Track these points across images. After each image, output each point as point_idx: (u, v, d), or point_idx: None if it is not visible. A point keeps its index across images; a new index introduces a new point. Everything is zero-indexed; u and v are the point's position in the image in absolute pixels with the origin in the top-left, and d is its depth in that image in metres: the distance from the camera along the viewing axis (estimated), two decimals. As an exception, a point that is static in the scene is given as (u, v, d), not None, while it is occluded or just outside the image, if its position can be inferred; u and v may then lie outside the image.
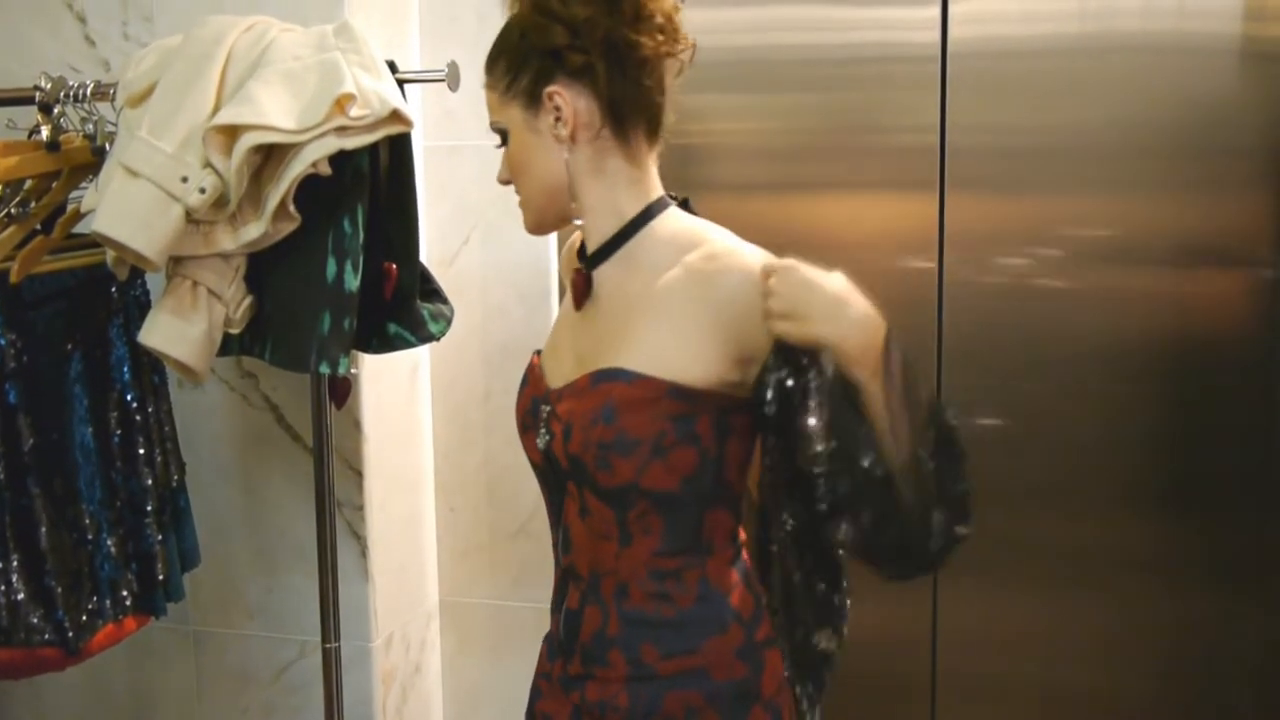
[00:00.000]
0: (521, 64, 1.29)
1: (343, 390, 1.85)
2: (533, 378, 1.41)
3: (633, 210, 1.32)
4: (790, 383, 1.20)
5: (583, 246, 1.37)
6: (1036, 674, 2.15)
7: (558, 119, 1.28)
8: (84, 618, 1.69)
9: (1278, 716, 2.07)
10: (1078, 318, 2.05)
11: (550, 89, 1.28)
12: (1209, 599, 2.08)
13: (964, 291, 2.08)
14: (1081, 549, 2.10)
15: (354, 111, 1.54)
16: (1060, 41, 2.01)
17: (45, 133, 1.68)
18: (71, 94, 1.69)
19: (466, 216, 2.17)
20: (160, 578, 1.78)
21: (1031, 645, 2.14)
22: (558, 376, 1.36)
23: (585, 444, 1.27)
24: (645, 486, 1.27)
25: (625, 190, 1.32)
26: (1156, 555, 2.08)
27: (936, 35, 2.03)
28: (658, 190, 1.35)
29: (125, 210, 1.51)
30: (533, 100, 1.29)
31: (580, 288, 1.36)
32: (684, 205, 1.37)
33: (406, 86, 1.70)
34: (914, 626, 2.16)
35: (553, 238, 2.14)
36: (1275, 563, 2.04)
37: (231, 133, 1.52)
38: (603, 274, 1.34)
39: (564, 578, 1.39)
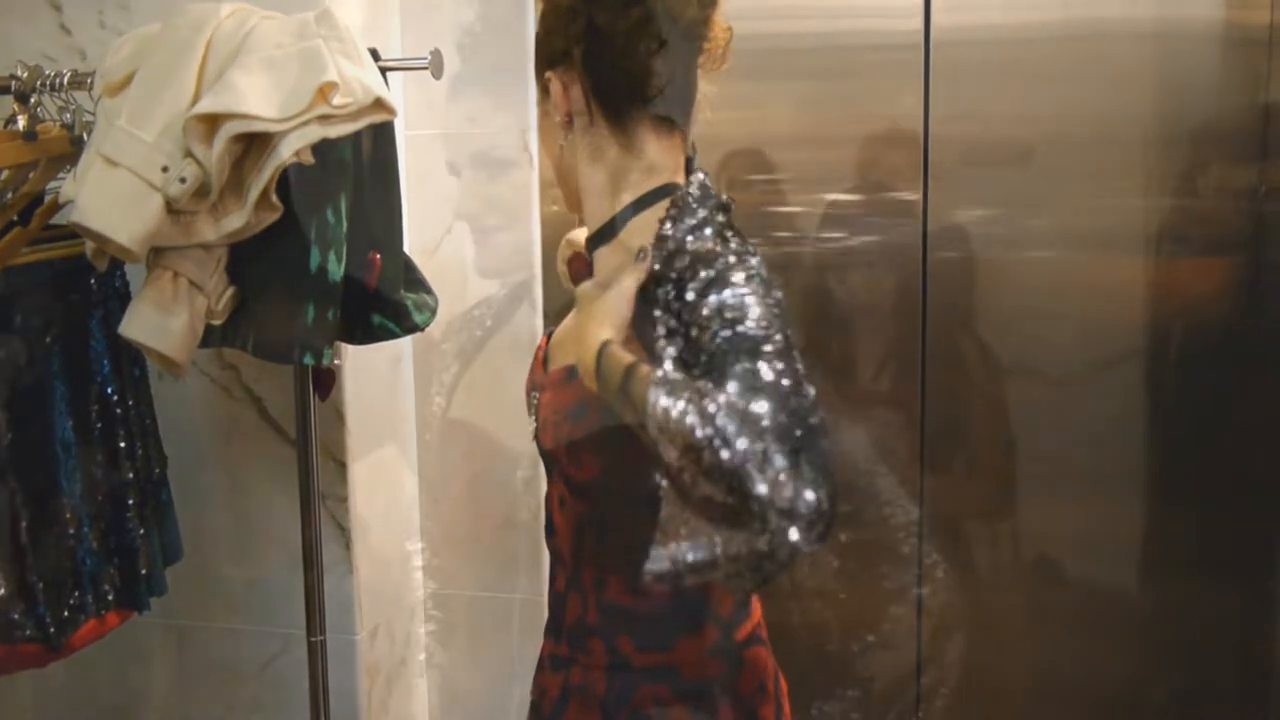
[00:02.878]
0: (536, 51, 1.34)
1: (327, 381, 1.84)
2: (535, 361, 1.41)
3: (631, 197, 1.30)
4: None
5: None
6: (1022, 663, 2.16)
7: (556, 104, 1.31)
8: (66, 613, 1.67)
9: (1261, 704, 2.09)
10: (1062, 305, 2.05)
11: (548, 74, 1.31)
12: (1193, 588, 2.09)
13: (948, 280, 2.08)
14: (1067, 538, 2.11)
15: (337, 100, 1.53)
16: (1043, 29, 2.01)
17: (21, 122, 1.65)
18: (48, 83, 1.67)
19: (449, 206, 2.16)
20: (143, 572, 1.77)
21: (1016, 634, 2.15)
22: (559, 361, 1.36)
23: (558, 439, 1.29)
24: (615, 484, 1.27)
25: (625, 178, 1.30)
26: (1141, 544, 2.09)
27: (920, 23, 2.03)
28: (668, 178, 1.30)
29: (104, 200, 1.49)
30: (542, 85, 1.33)
31: (580, 272, 1.37)
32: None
33: (389, 74, 1.69)
34: (898, 616, 2.16)
35: (536, 229, 2.13)
36: (1259, 551, 2.05)
37: (212, 121, 1.50)
38: (600, 258, 1.33)
39: (553, 559, 1.41)
